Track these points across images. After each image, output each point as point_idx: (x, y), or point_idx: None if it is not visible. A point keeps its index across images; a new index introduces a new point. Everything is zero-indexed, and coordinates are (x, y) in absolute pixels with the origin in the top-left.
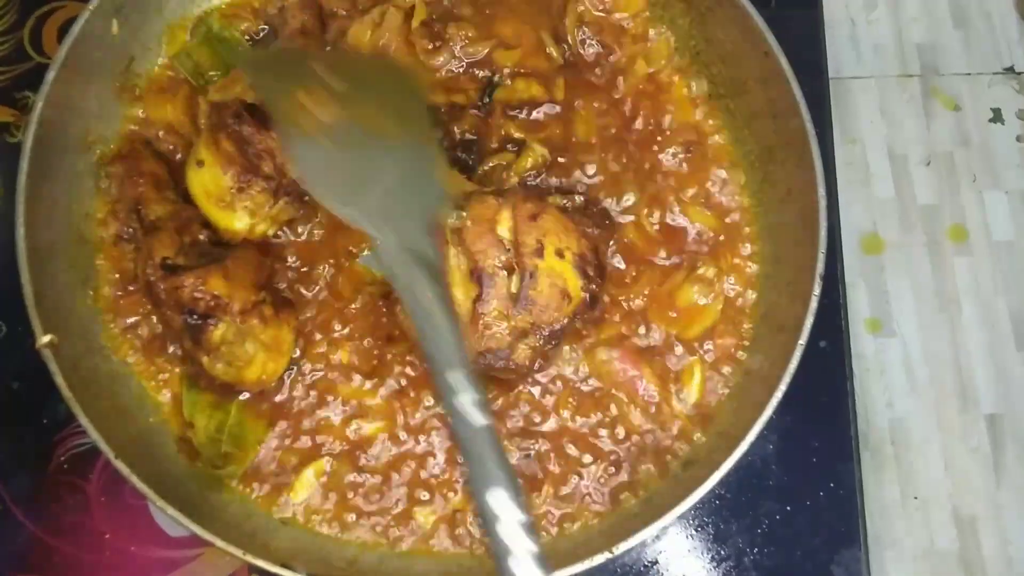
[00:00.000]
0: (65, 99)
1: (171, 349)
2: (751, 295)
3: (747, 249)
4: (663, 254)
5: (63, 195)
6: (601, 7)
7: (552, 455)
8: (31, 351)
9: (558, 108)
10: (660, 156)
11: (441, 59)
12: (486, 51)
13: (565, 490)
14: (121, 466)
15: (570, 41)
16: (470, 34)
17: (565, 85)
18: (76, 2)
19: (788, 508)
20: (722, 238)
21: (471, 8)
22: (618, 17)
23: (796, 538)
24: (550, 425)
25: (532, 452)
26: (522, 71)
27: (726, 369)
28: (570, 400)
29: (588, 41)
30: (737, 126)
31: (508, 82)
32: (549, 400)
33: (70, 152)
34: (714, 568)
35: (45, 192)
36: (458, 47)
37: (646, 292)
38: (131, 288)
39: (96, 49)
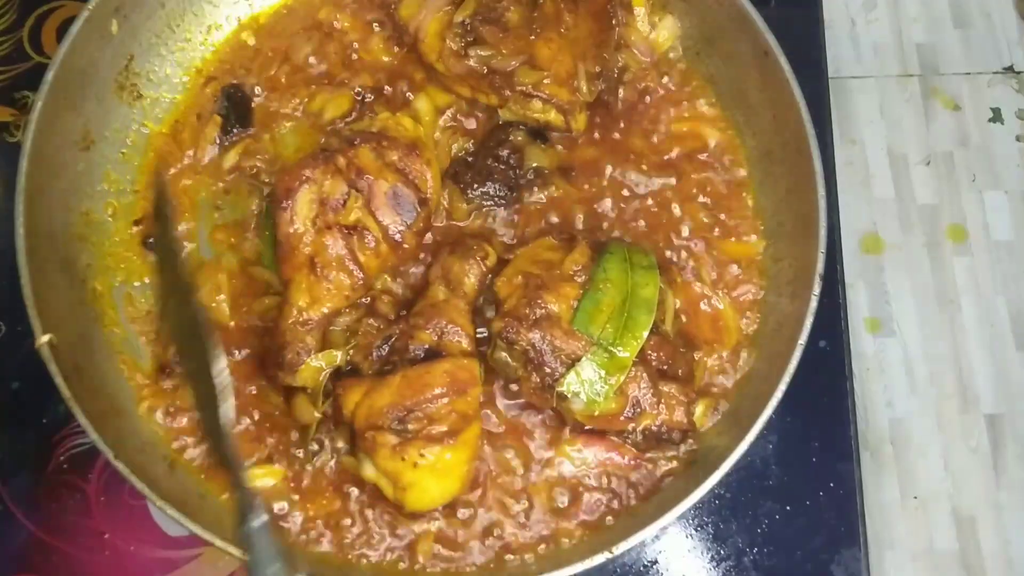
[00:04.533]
0: (65, 98)
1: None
2: (752, 294)
3: (747, 249)
4: None
5: (63, 194)
6: (645, 56)
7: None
8: (31, 351)
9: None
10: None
11: (460, 67)
12: (513, 67)
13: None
14: (121, 466)
15: (605, 85)
16: (503, 51)
17: (589, 120)
18: (75, 1)
19: (788, 508)
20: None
21: (520, 18)
22: (654, 59)
23: (796, 538)
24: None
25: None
26: (542, 95)
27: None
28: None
29: (626, 85)
30: (737, 126)
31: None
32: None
33: (70, 151)
34: (714, 568)
35: (45, 192)
36: (474, 61)
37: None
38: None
39: (95, 49)
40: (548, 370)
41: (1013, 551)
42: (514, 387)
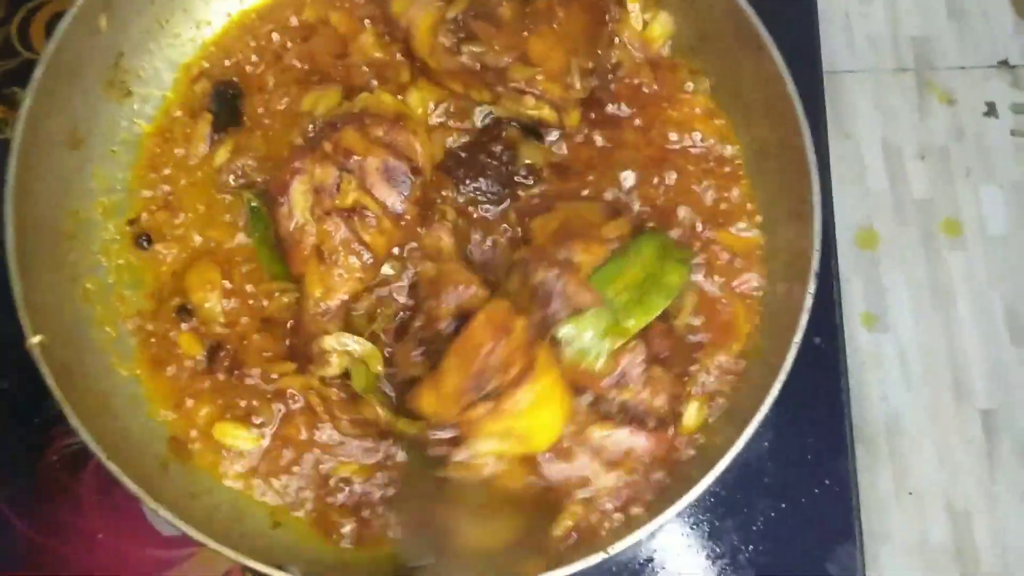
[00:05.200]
0: (53, 95)
1: None
2: (749, 288)
3: (744, 243)
4: None
5: (52, 192)
6: (639, 52)
7: None
8: (21, 350)
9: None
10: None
11: (453, 64)
12: (506, 63)
13: None
14: (113, 467)
15: (599, 81)
16: (495, 47)
17: (582, 116)
18: None
19: (783, 505)
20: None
21: (513, 13)
22: (648, 55)
23: (791, 534)
24: None
25: None
26: (535, 91)
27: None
28: None
29: (619, 81)
30: (731, 120)
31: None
32: None
33: (59, 149)
34: (709, 565)
35: (34, 189)
36: (466, 57)
37: None
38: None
39: (84, 45)
40: (551, 311)
41: (1008, 545)
42: None
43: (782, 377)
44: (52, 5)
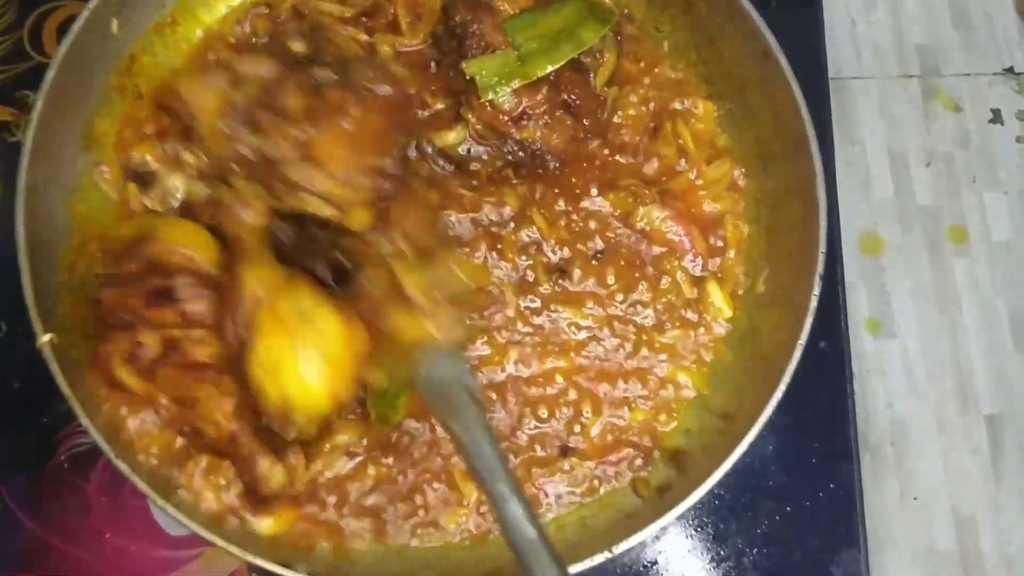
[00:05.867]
0: (65, 98)
1: None
2: (750, 291)
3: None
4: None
5: (63, 194)
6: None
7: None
8: (31, 351)
9: None
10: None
11: (230, 151)
12: (287, 158)
13: None
14: (122, 466)
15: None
16: (278, 140)
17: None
18: (75, 1)
19: (788, 508)
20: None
21: (302, 106)
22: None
23: (796, 538)
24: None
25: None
26: (310, 189)
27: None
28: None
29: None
30: (737, 126)
31: None
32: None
33: (70, 151)
34: (713, 568)
35: (45, 191)
36: (245, 148)
37: None
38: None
39: (96, 48)
40: (463, 48)
41: (1013, 551)
42: None
43: (786, 380)
44: (64, 9)
